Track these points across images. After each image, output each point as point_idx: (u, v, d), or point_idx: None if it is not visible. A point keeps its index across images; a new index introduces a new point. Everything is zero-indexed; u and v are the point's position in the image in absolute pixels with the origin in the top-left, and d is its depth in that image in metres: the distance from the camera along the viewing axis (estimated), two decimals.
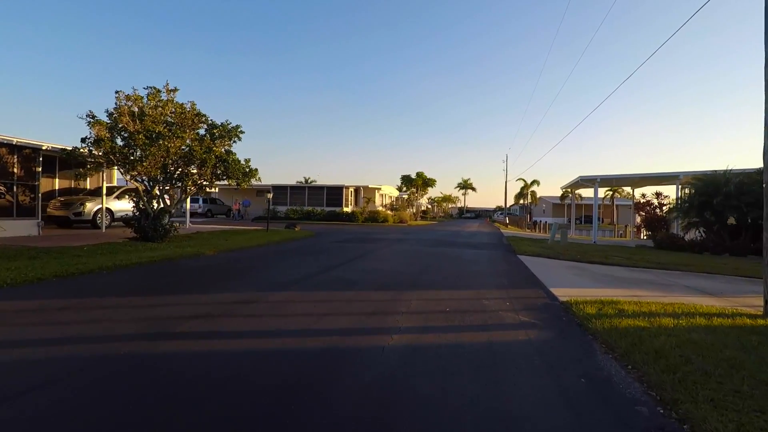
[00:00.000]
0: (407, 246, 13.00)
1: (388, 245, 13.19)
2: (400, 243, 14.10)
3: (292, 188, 33.70)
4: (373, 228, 24.71)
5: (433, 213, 73.22)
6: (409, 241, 14.98)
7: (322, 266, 7.98)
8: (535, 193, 56.28)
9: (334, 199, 32.66)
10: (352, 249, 11.48)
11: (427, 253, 11.19)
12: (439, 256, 10.54)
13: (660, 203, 27.02)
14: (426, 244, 13.82)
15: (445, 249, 12.33)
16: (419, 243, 14.37)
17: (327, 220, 30.42)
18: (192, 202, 35.15)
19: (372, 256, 9.81)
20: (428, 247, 13.02)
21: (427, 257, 10.07)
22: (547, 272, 7.84)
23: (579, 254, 11.77)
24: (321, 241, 13.93)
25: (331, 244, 12.79)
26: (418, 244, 13.71)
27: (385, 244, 13.67)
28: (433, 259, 9.78)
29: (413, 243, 14.30)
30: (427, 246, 13.24)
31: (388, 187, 38.15)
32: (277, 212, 32.50)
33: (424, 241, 15.11)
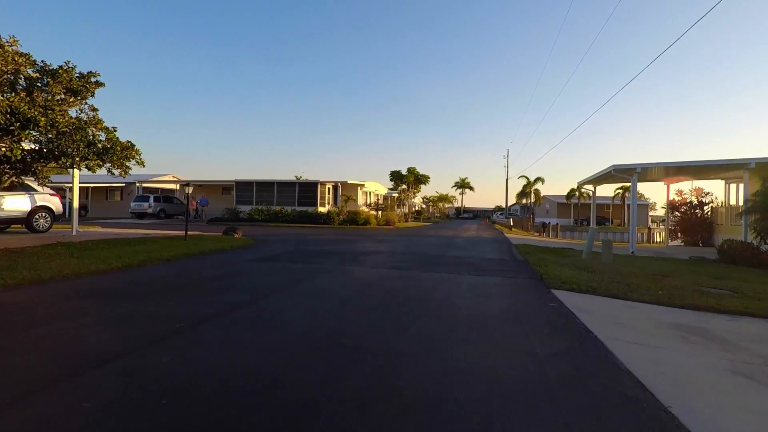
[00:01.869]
0: (368, 269, 8.07)
1: (341, 264, 8.28)
2: (362, 261, 9.18)
3: (259, 185, 28.70)
4: (345, 233, 19.73)
5: (428, 213, 68.30)
6: (379, 257, 10.07)
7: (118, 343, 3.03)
8: (539, 192, 51.52)
9: (307, 198, 27.70)
10: (269, 276, 6.57)
11: (392, 290, 6.14)
12: (414, 299, 5.56)
13: (700, 201, 22.35)
14: (402, 264, 8.88)
15: (429, 276, 7.38)
16: (393, 261, 9.44)
17: (297, 222, 25.47)
18: (140, 201, 30.13)
19: (276, 301, 4.92)
20: (403, 269, 8.08)
21: (388, 303, 5.15)
22: (673, 380, 2.92)
23: (649, 283, 6.85)
24: (240, 258, 8.99)
25: (246, 266, 7.86)
26: (390, 264, 8.79)
27: (337, 261, 8.75)
28: (397, 309, 4.86)
29: (383, 260, 9.39)
30: (401, 267, 8.30)
31: (373, 184, 33.21)
32: (240, 213, 27.52)
33: (401, 258, 10.18)
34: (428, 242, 15.15)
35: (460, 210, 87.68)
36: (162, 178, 37.75)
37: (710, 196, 21.98)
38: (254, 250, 11.10)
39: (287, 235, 16.96)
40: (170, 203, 30.62)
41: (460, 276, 7.39)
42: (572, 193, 49.06)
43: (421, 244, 14.37)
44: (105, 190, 36.97)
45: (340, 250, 11.29)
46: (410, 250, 12.00)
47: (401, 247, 12.63)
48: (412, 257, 10.17)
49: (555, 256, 11.38)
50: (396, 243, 14.33)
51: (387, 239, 16.13)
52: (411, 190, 40.29)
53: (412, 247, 13.05)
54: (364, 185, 30.21)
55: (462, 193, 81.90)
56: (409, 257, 10.15)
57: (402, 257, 10.12)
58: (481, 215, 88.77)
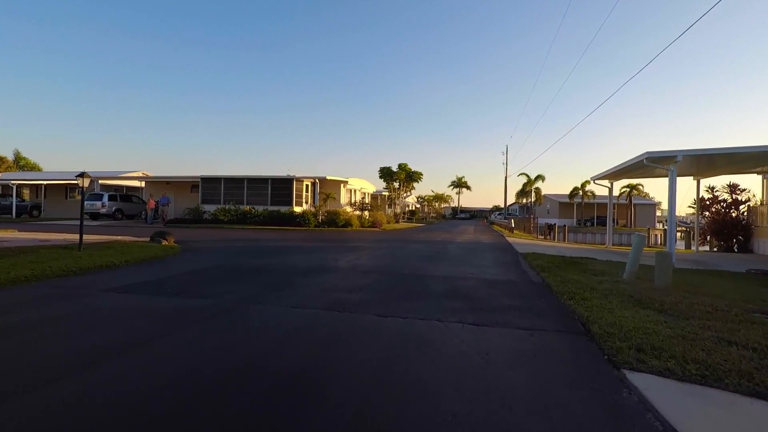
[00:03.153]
0: (289, 308, 4.76)
1: (256, 297, 4.93)
2: (298, 287, 5.87)
3: (228, 181, 25.33)
4: (317, 237, 16.42)
5: (423, 213, 65.11)
6: (330, 278, 6.76)
7: None
8: (540, 191, 48.42)
9: (282, 196, 24.37)
10: (69, 337, 3.32)
11: (277, 387, 2.90)
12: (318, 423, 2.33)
13: (735, 200, 19.21)
14: (355, 294, 5.57)
15: (386, 328, 4.08)
16: (345, 287, 6.14)
17: (267, 224, 22.14)
18: (92, 200, 26.65)
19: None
20: (349, 308, 4.77)
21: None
22: None
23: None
24: (114, 281, 5.69)
25: (92, 301, 4.58)
26: (335, 295, 5.46)
27: (258, 289, 5.41)
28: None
29: (331, 286, 6.08)
30: (349, 303, 4.97)
31: (359, 180, 29.91)
32: (204, 213, 24.15)
33: (361, 280, 6.91)
34: (413, 250, 11.88)
35: (457, 210, 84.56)
36: (131, 174, 34.15)
37: (747, 193, 18.91)
38: (162, 265, 7.80)
39: (240, 241, 13.64)
40: (129, 202, 27.24)
41: (445, 326, 4.12)
42: (575, 192, 46.02)
43: (402, 253, 11.09)
44: (64, 188, 33.43)
45: (284, 266, 8.00)
46: (383, 264, 8.71)
47: (373, 260, 9.35)
48: (378, 279, 6.89)
49: (581, 272, 8.16)
50: (371, 252, 11.05)
51: (363, 246, 12.85)
52: (402, 188, 37.01)
53: (389, 258, 9.76)
54: (347, 182, 26.92)
55: (459, 193, 78.73)
56: (374, 279, 6.87)
57: (363, 279, 6.83)
58: (479, 215, 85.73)
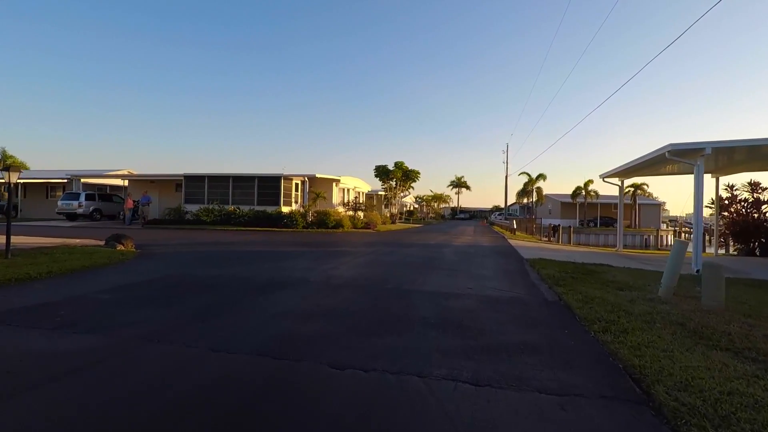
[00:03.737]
0: (215, 361, 3.34)
1: (163, 335, 3.47)
2: (243, 311, 4.40)
3: (212, 180, 23.86)
4: (301, 240, 14.95)
5: (422, 213, 63.65)
6: (294, 295, 5.28)
7: None
8: (542, 190, 46.99)
9: (269, 195, 22.90)
10: None
11: None
12: None
13: (757, 199, 17.76)
14: (313, 325, 4.10)
15: (338, 389, 2.70)
16: (307, 310, 4.68)
17: (252, 225, 20.67)
18: (68, 199, 25.18)
19: None
20: (288, 356, 3.35)
21: None
22: None
23: None
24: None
25: None
26: (288, 325, 4.00)
27: (176, 319, 3.96)
28: None
29: (290, 307, 4.61)
30: (300, 341, 3.55)
31: (353, 179, 28.45)
32: (186, 213, 22.68)
33: (329, 299, 5.46)
34: (404, 256, 10.42)
35: (456, 210, 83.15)
36: (116, 173, 32.64)
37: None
38: (91, 278, 6.35)
39: (213, 245, 12.19)
40: (108, 202, 25.76)
41: (428, 388, 2.65)
42: (578, 192, 44.59)
43: (390, 260, 9.63)
44: (45, 187, 31.96)
45: (243, 278, 6.55)
46: (363, 275, 7.24)
47: (353, 269, 7.88)
48: (351, 298, 5.43)
49: (603, 286, 6.72)
50: (354, 258, 9.59)
51: (348, 251, 11.39)
52: (399, 187, 35.56)
53: (373, 267, 8.30)
54: (339, 180, 25.47)
55: (458, 193, 77.40)
56: (345, 298, 5.41)
57: (332, 298, 5.37)
58: (479, 216, 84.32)
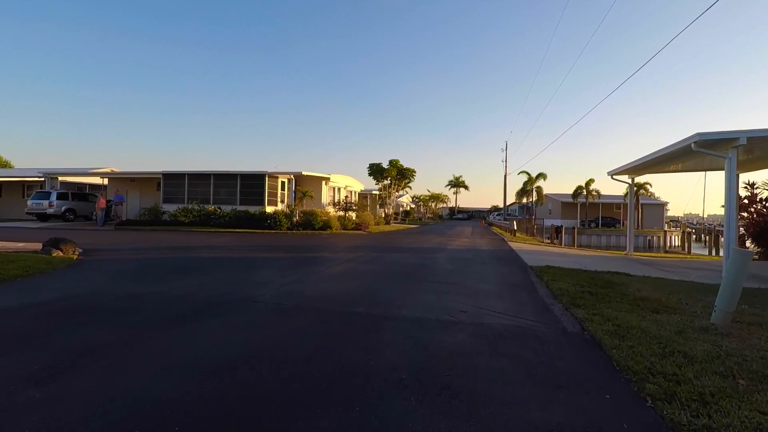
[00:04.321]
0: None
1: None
2: (125, 365, 2.97)
3: (192, 177, 22.34)
4: (279, 244, 13.47)
5: (419, 214, 62.19)
6: (234, 323, 3.84)
7: None
8: (542, 190, 45.59)
9: (253, 194, 21.41)
10: None
11: None
12: None
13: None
14: (200, 397, 2.68)
15: None
16: (228, 352, 3.22)
17: (233, 227, 19.17)
18: (39, 198, 23.56)
19: None
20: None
21: None
22: None
23: None
24: None
25: None
26: (169, 393, 2.60)
27: None
28: None
29: (213, 347, 3.18)
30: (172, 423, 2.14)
31: (344, 177, 26.97)
32: (163, 213, 21.15)
33: (272, 332, 3.98)
34: (388, 264, 8.94)
35: (454, 210, 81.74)
36: (97, 171, 31.04)
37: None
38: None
39: (172, 250, 10.70)
40: (83, 201, 24.21)
41: None
42: (579, 192, 43.20)
43: (371, 269, 8.15)
44: (21, 186, 30.38)
45: (174, 297, 5.08)
46: (329, 292, 5.76)
47: (320, 283, 6.41)
48: (301, 329, 3.95)
49: (633, 306, 5.27)
50: (329, 267, 8.11)
51: (326, 257, 9.92)
52: (394, 186, 34.08)
53: (347, 280, 6.82)
54: (329, 178, 23.98)
55: (456, 193, 76.04)
56: (294, 328, 3.93)
57: (272, 330, 3.89)
58: (477, 216, 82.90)
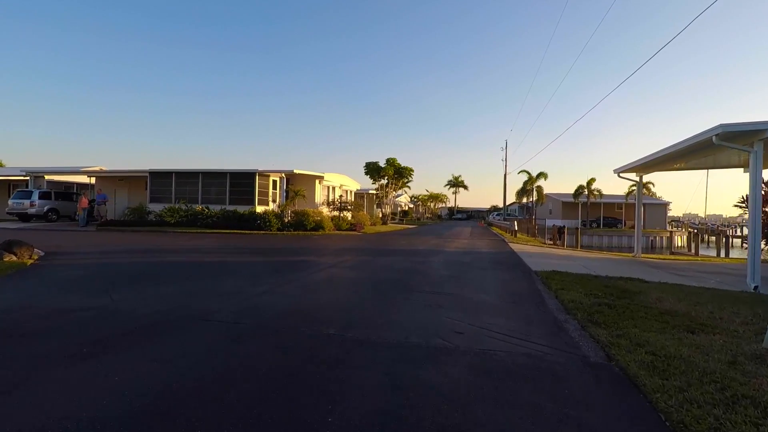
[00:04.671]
0: None
1: None
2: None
3: (180, 176, 21.45)
4: (263, 246, 12.61)
5: (417, 214, 61.35)
6: (164, 352, 2.98)
7: None
8: (542, 189, 44.75)
9: (243, 194, 20.53)
10: None
11: None
12: None
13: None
14: None
15: None
16: (135, 403, 2.36)
17: (221, 227, 18.29)
18: (20, 197, 22.53)
19: None
20: None
21: None
22: None
23: None
24: None
25: None
26: None
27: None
28: None
29: (114, 394, 2.33)
30: None
31: (339, 176, 26.10)
32: (149, 213, 20.28)
33: (206, 369, 3.09)
34: (377, 269, 8.07)
35: (453, 210, 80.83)
36: (88, 169, 30.09)
37: None
38: None
39: (145, 254, 9.84)
40: (67, 201, 23.31)
41: None
42: (580, 191, 42.36)
43: (357, 277, 7.29)
44: (8, 185, 29.44)
45: (115, 312, 4.22)
46: (302, 307, 4.88)
47: (294, 294, 5.53)
48: (249, 362, 3.07)
49: (663, 325, 4.43)
50: (310, 274, 7.25)
51: (311, 262, 9.06)
52: (391, 185, 33.20)
53: (324, 291, 5.95)
54: (323, 177, 23.11)
55: (455, 193, 75.15)
56: (241, 360, 3.06)
57: (212, 365, 3.00)
58: (476, 216, 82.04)
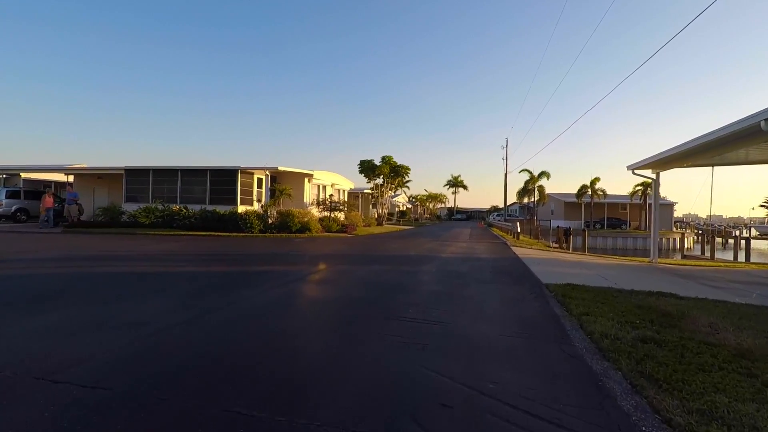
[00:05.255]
0: None
1: None
2: None
3: (158, 173, 19.95)
4: (233, 252, 11.12)
5: (415, 214, 59.87)
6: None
7: None
8: (544, 189, 43.28)
9: (224, 192, 19.05)
10: None
11: None
12: None
13: None
14: None
15: None
16: None
17: (199, 229, 16.82)
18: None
19: None
20: None
21: None
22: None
23: None
24: None
25: None
26: None
27: None
28: None
29: None
30: None
31: (330, 174, 24.62)
32: (122, 213, 18.81)
33: None
34: (352, 286, 6.59)
35: (453, 211, 79.32)
36: (67, 167, 28.59)
37: None
38: None
39: (84, 261, 8.38)
40: (39, 200, 21.84)
41: None
42: (583, 191, 40.87)
43: (323, 296, 5.82)
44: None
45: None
46: (225, 349, 3.41)
47: (228, 326, 4.04)
48: None
49: (752, 386, 2.93)
50: (265, 292, 5.77)
51: (278, 272, 7.60)
52: (387, 184, 31.71)
53: (273, 317, 4.47)
54: (312, 175, 21.62)
55: (455, 193, 73.51)
56: None
57: None
58: (476, 216, 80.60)
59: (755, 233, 42.03)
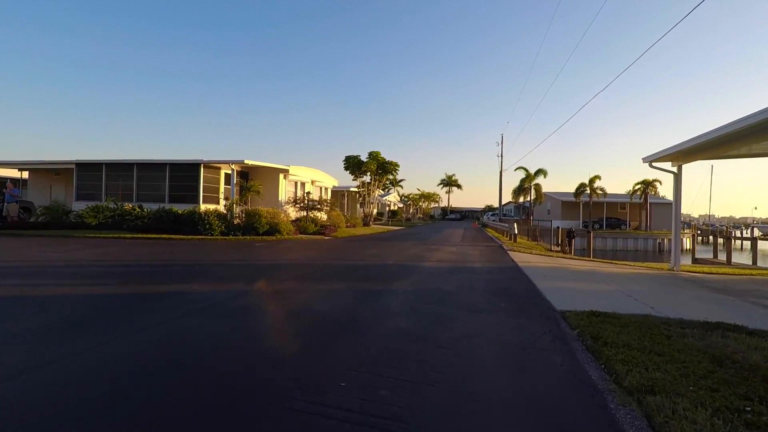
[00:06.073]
0: None
1: None
2: None
3: (111, 168, 17.70)
4: (168, 261, 8.97)
5: (407, 214, 57.84)
6: None
7: None
8: (540, 188, 41.48)
9: (186, 189, 16.85)
10: None
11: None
12: None
13: None
14: None
15: None
16: None
17: (153, 231, 14.62)
18: None
19: None
20: None
21: None
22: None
23: None
24: None
25: None
26: None
27: None
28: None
29: None
30: None
31: (310, 170, 22.48)
32: (70, 213, 16.57)
33: None
34: (284, 318, 4.56)
35: (447, 210, 77.37)
36: (21, 162, 26.15)
37: None
38: None
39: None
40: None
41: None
42: (582, 190, 39.11)
43: (220, 341, 3.78)
44: None
45: None
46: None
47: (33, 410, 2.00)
48: None
49: None
50: (136, 335, 3.71)
51: (182, 296, 5.53)
52: (374, 182, 29.62)
53: (109, 399, 2.41)
54: (288, 171, 19.46)
55: (449, 192, 71.51)
56: None
57: None
58: (470, 216, 78.78)
59: (758, 233, 40.58)
